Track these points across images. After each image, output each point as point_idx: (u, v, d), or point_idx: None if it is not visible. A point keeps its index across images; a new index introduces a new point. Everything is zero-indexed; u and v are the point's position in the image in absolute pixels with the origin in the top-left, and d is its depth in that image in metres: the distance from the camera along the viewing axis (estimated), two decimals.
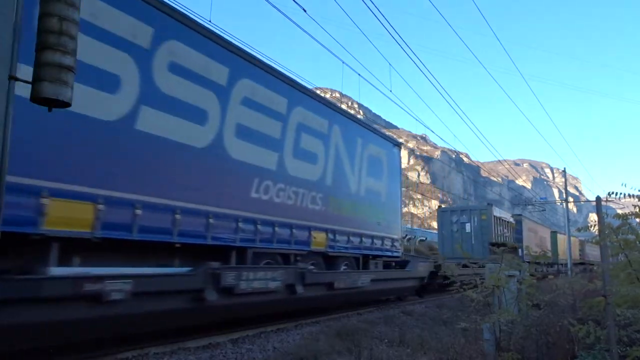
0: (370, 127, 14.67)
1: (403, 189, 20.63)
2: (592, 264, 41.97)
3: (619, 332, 4.91)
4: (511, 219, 26.14)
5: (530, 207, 46.33)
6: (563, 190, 39.87)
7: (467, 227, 23.00)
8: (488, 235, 22.42)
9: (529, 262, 15.66)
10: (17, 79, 3.57)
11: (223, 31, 13.07)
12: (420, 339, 7.41)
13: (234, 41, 8.83)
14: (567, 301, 6.57)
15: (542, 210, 47.29)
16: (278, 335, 8.27)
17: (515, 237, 25.74)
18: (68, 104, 3.54)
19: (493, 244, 19.64)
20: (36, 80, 3.35)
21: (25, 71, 3.62)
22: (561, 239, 38.69)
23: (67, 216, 5.76)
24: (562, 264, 35.26)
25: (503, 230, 24.35)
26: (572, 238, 40.72)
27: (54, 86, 3.33)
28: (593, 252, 46.95)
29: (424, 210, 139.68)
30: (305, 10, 11.36)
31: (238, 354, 6.73)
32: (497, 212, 24.03)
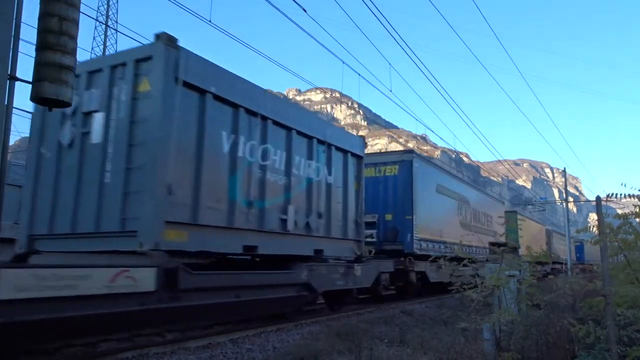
0: None
1: None
2: (561, 264, 33.67)
3: (619, 332, 4.91)
4: (355, 147, 11.53)
5: (530, 206, 46.34)
6: (563, 190, 39.87)
7: (96, 130, 7.24)
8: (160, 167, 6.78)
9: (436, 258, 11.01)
10: (17, 79, 3.58)
11: (223, 31, 13.00)
12: (420, 339, 7.41)
13: (233, 41, 8.18)
14: (567, 301, 6.56)
15: (542, 210, 47.30)
16: (278, 335, 8.27)
17: (396, 201, 14.24)
18: (68, 104, 3.54)
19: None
20: (36, 80, 3.36)
21: None
22: (532, 226, 29.15)
23: None
24: (529, 262, 24.82)
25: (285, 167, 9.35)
26: (536, 224, 33.34)
27: (54, 86, 3.34)
28: (564, 247, 37.09)
29: None
30: (305, 10, 11.36)
31: (238, 354, 6.72)
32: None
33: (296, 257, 9.40)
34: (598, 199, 5.16)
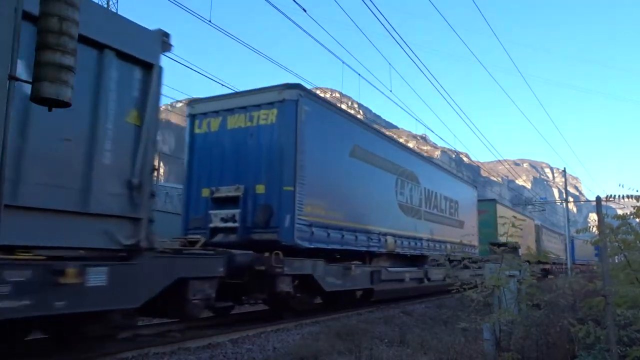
0: None
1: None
2: (555, 264, 31.02)
3: (619, 332, 4.92)
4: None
5: (530, 207, 46.39)
6: (563, 190, 39.88)
7: None
8: None
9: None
10: (17, 79, 3.58)
11: (223, 31, 12.97)
12: (420, 339, 7.41)
13: (233, 41, 8.32)
14: (567, 301, 6.57)
15: (542, 210, 47.35)
16: (278, 335, 8.27)
17: (272, 164, 9.51)
18: (68, 104, 3.55)
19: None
20: (36, 80, 3.36)
21: None
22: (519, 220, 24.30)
23: None
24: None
25: None
26: (523, 219, 28.35)
27: (54, 86, 3.34)
28: (553, 245, 34.95)
29: None
30: (305, 10, 11.38)
31: (238, 354, 6.73)
32: None
33: None
34: (598, 199, 5.17)
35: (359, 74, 16.92)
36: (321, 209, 10.10)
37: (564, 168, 38.86)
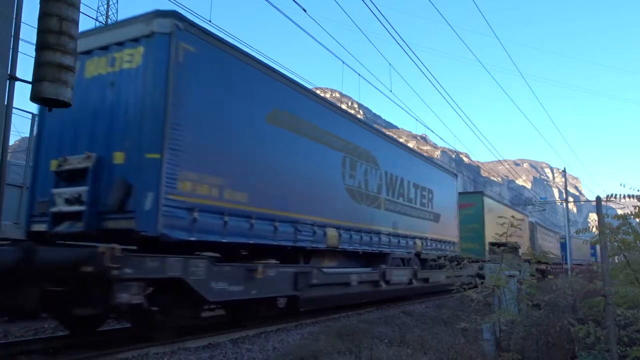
0: None
1: None
2: (549, 264, 28.34)
3: (619, 332, 4.92)
4: None
5: (530, 207, 46.45)
6: (563, 190, 39.92)
7: None
8: None
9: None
10: (17, 79, 3.58)
11: (223, 31, 12.90)
12: (420, 339, 7.41)
13: (233, 41, 8.32)
14: (567, 301, 6.58)
15: (542, 210, 47.40)
16: (278, 335, 8.27)
17: (131, 122, 6.76)
18: (68, 104, 3.55)
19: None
20: (36, 80, 3.36)
21: None
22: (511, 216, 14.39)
23: None
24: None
25: None
26: (516, 215, 25.78)
27: (54, 86, 3.34)
28: (548, 243, 32.42)
29: None
30: (305, 10, 11.39)
31: (238, 354, 6.72)
32: None
33: None
34: (598, 199, 5.18)
35: (359, 74, 16.92)
36: (213, 188, 7.37)
37: (564, 168, 39.01)
